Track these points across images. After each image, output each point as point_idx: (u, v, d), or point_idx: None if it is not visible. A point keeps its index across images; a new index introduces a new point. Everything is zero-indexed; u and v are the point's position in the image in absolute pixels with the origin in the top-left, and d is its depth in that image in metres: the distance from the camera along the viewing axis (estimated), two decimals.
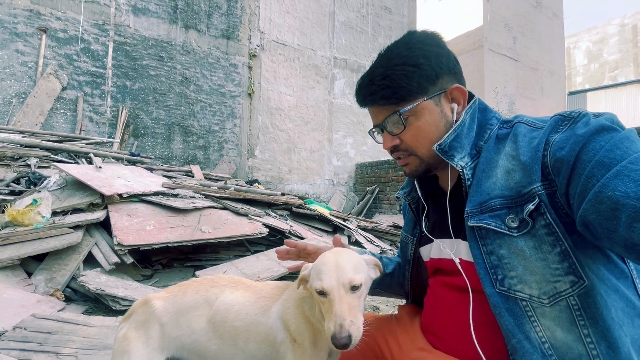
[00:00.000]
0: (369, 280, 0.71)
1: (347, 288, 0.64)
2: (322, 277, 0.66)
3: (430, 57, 0.68)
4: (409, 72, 0.67)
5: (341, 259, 0.68)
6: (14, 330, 1.58)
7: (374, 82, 0.70)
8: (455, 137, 0.68)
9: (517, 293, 0.58)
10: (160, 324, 0.81)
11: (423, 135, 0.70)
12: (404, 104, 0.69)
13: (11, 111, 4.63)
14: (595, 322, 0.53)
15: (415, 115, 0.69)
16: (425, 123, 0.69)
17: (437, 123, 0.70)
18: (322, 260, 0.70)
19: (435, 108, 0.70)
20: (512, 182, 0.60)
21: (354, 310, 0.63)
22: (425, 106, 0.69)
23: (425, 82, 0.68)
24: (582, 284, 0.54)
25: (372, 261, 0.75)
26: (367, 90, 0.72)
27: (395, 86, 0.68)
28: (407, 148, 0.72)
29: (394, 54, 0.69)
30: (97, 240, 2.57)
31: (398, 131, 0.71)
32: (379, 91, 0.69)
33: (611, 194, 0.46)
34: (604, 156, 0.50)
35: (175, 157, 5.89)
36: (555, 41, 12.36)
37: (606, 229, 0.47)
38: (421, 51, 0.68)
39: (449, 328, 0.70)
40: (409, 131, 0.70)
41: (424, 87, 0.68)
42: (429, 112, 0.69)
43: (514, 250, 0.59)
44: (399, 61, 0.68)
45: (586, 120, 0.56)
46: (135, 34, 5.60)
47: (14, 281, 2.14)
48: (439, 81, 0.69)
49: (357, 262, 0.70)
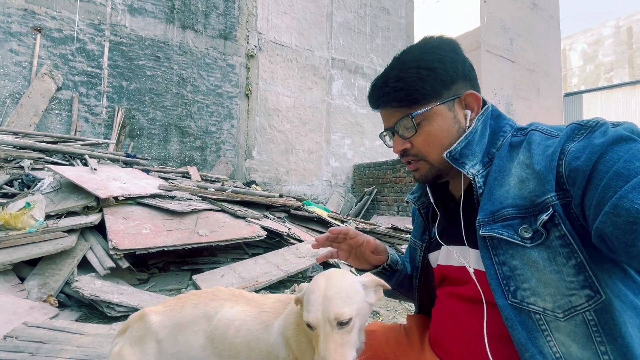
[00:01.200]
0: (366, 307, 0.65)
1: (334, 324, 0.59)
2: (309, 309, 0.62)
3: (445, 61, 0.67)
4: (423, 75, 0.66)
5: (330, 289, 0.62)
6: (5, 340, 1.54)
7: (388, 84, 0.69)
8: (467, 145, 0.66)
9: (530, 306, 0.56)
10: (156, 340, 0.78)
11: (434, 141, 0.69)
12: (417, 107, 0.68)
13: (5, 112, 4.56)
14: (614, 339, 0.51)
15: (428, 119, 0.68)
16: (437, 128, 0.68)
17: (449, 128, 0.68)
18: (311, 287, 0.66)
19: (448, 113, 0.68)
20: (526, 191, 0.59)
21: (341, 349, 0.58)
22: (438, 111, 0.68)
23: (440, 87, 0.67)
24: (598, 298, 0.52)
25: (373, 283, 0.68)
26: (380, 92, 0.71)
27: (408, 89, 0.67)
28: (417, 153, 0.71)
29: (409, 57, 0.68)
30: (91, 245, 2.52)
31: (409, 135, 0.70)
32: (392, 93, 0.68)
33: (629, 207, 0.44)
34: (622, 167, 0.48)
35: (172, 158, 5.84)
36: (551, 43, 12.43)
37: (624, 243, 0.45)
38: (436, 55, 0.67)
39: (457, 341, 0.67)
40: (420, 135, 0.69)
41: (437, 91, 0.67)
42: (442, 117, 0.68)
43: (527, 261, 0.57)
44: (413, 64, 0.67)
45: (604, 130, 0.54)
46: (132, 34, 5.54)
47: (6, 287, 2.09)
48: (453, 86, 0.68)
49: (349, 291, 0.63)
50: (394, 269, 0.87)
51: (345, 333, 0.60)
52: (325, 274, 0.68)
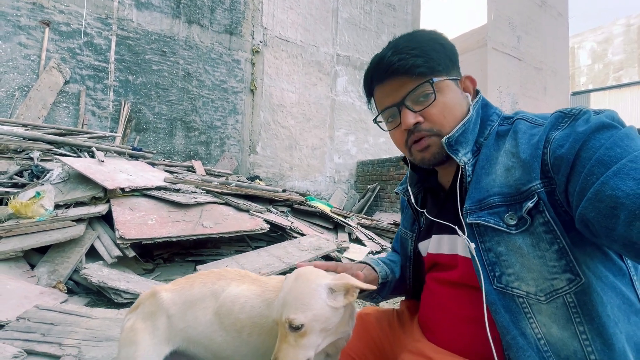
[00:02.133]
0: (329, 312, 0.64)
1: (287, 327, 0.61)
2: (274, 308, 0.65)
3: (448, 44, 0.70)
4: (437, 48, 0.68)
5: (290, 293, 0.64)
6: (18, 321, 1.59)
7: (402, 51, 0.67)
8: (463, 132, 0.67)
9: (515, 290, 0.59)
10: (167, 315, 0.82)
11: (449, 112, 0.68)
12: (435, 75, 0.67)
13: (14, 104, 4.63)
14: (591, 319, 0.54)
15: (441, 91, 0.67)
16: (451, 100, 0.68)
17: (460, 102, 0.70)
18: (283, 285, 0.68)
19: (457, 89, 0.70)
20: (512, 179, 0.60)
21: (292, 350, 0.60)
22: (450, 85, 0.69)
23: (449, 62, 0.69)
24: (578, 281, 0.54)
25: (343, 286, 0.66)
26: (392, 59, 0.67)
27: (426, 56, 0.66)
28: (431, 127, 0.68)
29: (416, 34, 0.70)
30: (99, 234, 2.58)
31: (427, 103, 0.67)
32: (410, 59, 0.65)
33: (611, 193, 0.46)
34: (604, 154, 0.49)
35: (177, 152, 5.89)
36: (559, 41, 12.29)
37: (605, 227, 0.47)
38: (440, 36, 0.70)
39: (443, 324, 0.70)
40: (435, 106, 0.67)
41: (447, 66, 0.69)
42: (453, 92, 0.69)
43: (512, 247, 0.59)
44: (425, 37, 0.69)
45: (586, 118, 0.56)
46: (138, 28, 5.59)
47: (17, 273, 2.15)
48: (455, 67, 0.71)
49: (308, 296, 0.63)
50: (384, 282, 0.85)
51: (298, 336, 0.62)
52: (295, 274, 0.69)
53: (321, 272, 0.70)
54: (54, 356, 1.40)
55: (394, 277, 0.88)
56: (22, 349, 1.40)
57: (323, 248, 3.22)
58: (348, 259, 3.42)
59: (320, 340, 0.65)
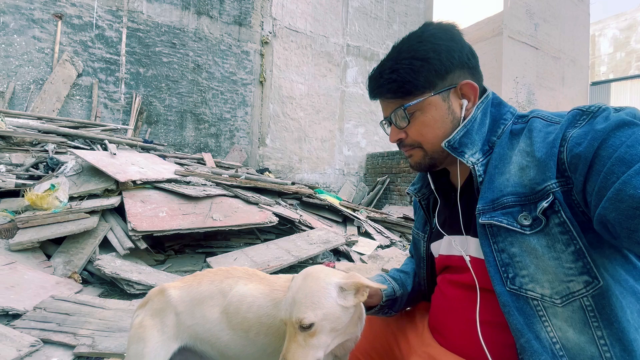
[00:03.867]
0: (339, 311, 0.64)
1: (297, 327, 0.61)
2: (282, 307, 0.65)
3: (440, 51, 0.66)
4: (416, 66, 0.66)
5: (300, 291, 0.64)
6: (35, 311, 1.64)
7: (383, 75, 0.69)
8: (466, 133, 0.66)
9: (529, 292, 0.57)
10: (175, 312, 0.82)
11: (428, 131, 0.69)
12: (410, 99, 0.68)
13: (30, 97, 4.72)
14: (610, 323, 0.52)
15: (422, 110, 0.68)
16: (431, 118, 0.68)
17: (443, 119, 0.68)
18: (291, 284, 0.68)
19: (442, 104, 0.68)
20: (526, 179, 0.59)
21: (301, 350, 0.60)
22: (432, 101, 0.67)
23: (434, 77, 0.66)
24: (596, 284, 0.53)
25: (353, 285, 0.66)
26: (375, 83, 0.72)
27: (401, 80, 0.67)
28: (412, 142, 0.72)
29: (405, 47, 0.68)
30: (112, 226, 2.63)
31: (403, 125, 0.70)
32: (386, 85, 0.69)
33: (633, 192, 0.44)
34: (625, 152, 0.47)
35: (187, 144, 5.94)
36: (579, 28, 11.80)
37: (626, 229, 0.45)
38: (432, 45, 0.66)
39: (454, 328, 0.69)
40: (413, 126, 0.70)
41: (431, 82, 0.66)
42: (435, 108, 0.68)
43: (526, 248, 0.58)
44: (407, 55, 0.67)
45: (606, 115, 0.53)
46: (149, 20, 5.59)
47: (34, 263, 2.22)
48: (448, 76, 0.67)
49: (318, 294, 0.63)
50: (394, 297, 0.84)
51: (308, 336, 0.61)
52: (304, 273, 0.68)
53: (331, 270, 0.70)
54: (69, 345, 1.45)
55: (405, 291, 0.86)
56: (38, 338, 1.45)
57: (332, 241, 3.23)
58: (357, 253, 3.42)
59: (329, 340, 0.64)
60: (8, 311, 1.63)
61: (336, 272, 0.70)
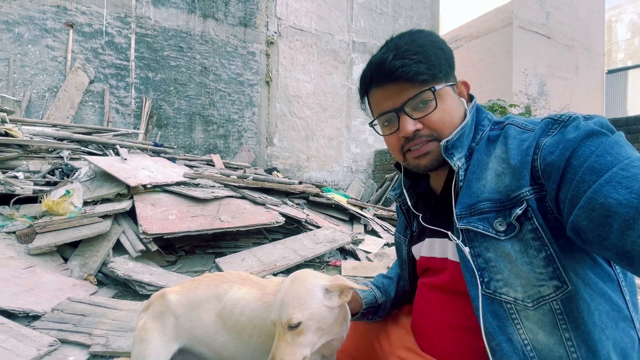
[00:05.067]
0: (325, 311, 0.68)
1: (286, 327, 0.65)
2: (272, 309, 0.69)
3: (446, 48, 0.69)
4: (438, 53, 0.67)
5: (288, 293, 0.68)
6: (52, 312, 1.74)
7: (405, 55, 0.64)
8: (460, 137, 0.67)
9: (503, 296, 0.59)
10: (174, 316, 0.88)
11: (449, 118, 0.67)
12: (436, 83, 0.66)
13: (45, 105, 4.91)
14: (577, 326, 0.54)
15: (441, 98, 0.67)
16: (449, 106, 0.68)
17: (458, 108, 0.70)
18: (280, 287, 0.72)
19: (454, 95, 0.70)
20: (502, 185, 0.60)
21: (289, 348, 0.64)
22: (448, 91, 0.69)
23: (447, 68, 0.68)
24: (565, 288, 0.55)
25: (337, 287, 0.70)
26: (394, 64, 0.64)
27: (428, 62, 0.65)
28: (430, 133, 0.67)
29: (416, 36, 0.68)
30: (124, 229, 2.73)
31: (426, 111, 0.66)
32: (413, 65, 0.64)
33: (603, 201, 0.46)
34: (595, 162, 0.50)
35: (196, 146, 6.06)
36: (593, 14, 11.40)
37: (598, 236, 0.47)
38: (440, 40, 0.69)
39: (433, 331, 0.71)
40: (436, 113, 0.66)
41: (446, 72, 0.68)
42: (451, 98, 0.69)
43: (500, 253, 0.59)
44: (426, 40, 0.67)
45: (576, 124, 0.56)
46: (156, 25, 5.71)
47: (52, 266, 2.33)
48: (452, 72, 0.70)
49: (305, 296, 0.67)
50: (376, 305, 0.86)
51: (295, 335, 0.65)
52: (292, 276, 0.73)
53: (317, 273, 0.74)
54: (85, 345, 1.53)
55: (389, 298, 0.89)
56: (56, 338, 1.54)
57: (338, 240, 3.26)
58: (363, 251, 3.44)
59: (316, 339, 0.68)
60: (28, 313, 1.73)
61: (322, 275, 0.74)
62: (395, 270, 0.95)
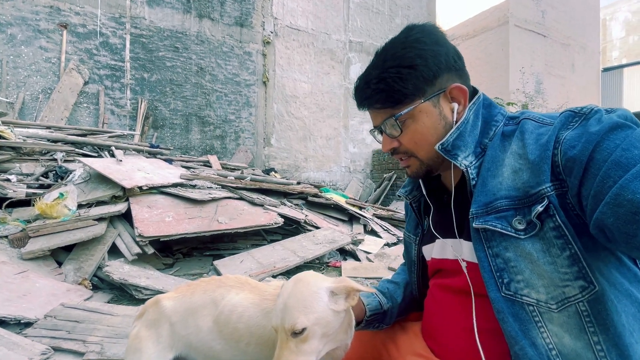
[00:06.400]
0: (330, 315, 0.64)
1: (289, 333, 0.61)
2: (273, 314, 0.65)
3: (426, 57, 0.64)
4: (404, 74, 0.64)
5: (291, 297, 0.63)
6: (45, 319, 1.69)
7: (370, 85, 0.67)
8: (459, 136, 0.65)
9: (524, 297, 0.56)
10: (170, 323, 0.84)
11: (421, 138, 0.68)
12: (401, 108, 0.66)
13: (39, 107, 4.84)
14: (606, 328, 0.51)
15: (413, 118, 0.67)
16: (422, 126, 0.67)
17: (435, 125, 0.67)
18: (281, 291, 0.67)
19: (433, 110, 0.67)
20: (520, 182, 0.58)
21: (293, 357, 0.60)
22: (423, 108, 0.66)
23: (422, 84, 0.65)
24: (592, 289, 0.52)
25: (344, 290, 0.66)
26: (362, 93, 0.70)
27: (390, 90, 0.65)
28: (406, 151, 0.71)
29: (389, 55, 0.66)
30: (120, 232, 2.68)
31: (396, 134, 0.69)
32: (374, 95, 0.67)
33: (632, 197, 0.43)
34: (621, 156, 0.47)
35: (193, 147, 6.00)
36: (589, 13, 11.46)
37: (625, 234, 0.44)
38: (417, 50, 0.64)
39: (448, 334, 0.68)
40: (406, 135, 0.68)
41: (420, 88, 0.65)
42: (427, 115, 0.66)
43: (520, 253, 0.57)
44: (393, 63, 0.65)
45: (598, 117, 0.53)
46: (151, 25, 5.65)
47: (45, 271, 2.28)
48: (437, 81, 0.66)
49: (310, 299, 0.63)
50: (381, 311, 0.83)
51: (300, 342, 0.61)
52: (294, 279, 0.68)
53: (321, 275, 0.70)
54: (79, 353, 1.48)
55: (395, 303, 0.85)
56: (49, 346, 1.49)
57: (337, 241, 3.22)
58: (363, 251, 3.41)
59: (321, 346, 0.64)
60: (20, 320, 1.68)
61: (326, 277, 0.71)
62: (402, 276, 0.92)
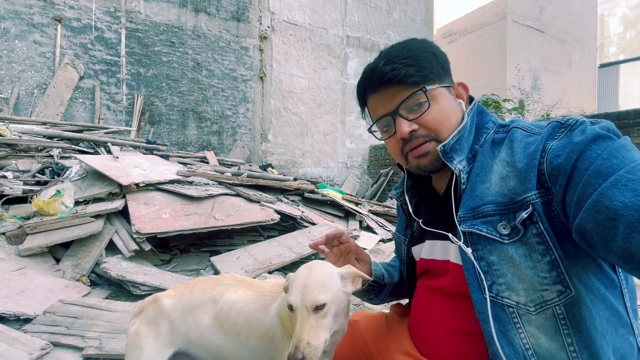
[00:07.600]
0: (342, 296, 0.71)
1: (310, 309, 0.66)
2: (291, 294, 0.69)
3: (439, 52, 0.70)
4: (429, 56, 0.69)
5: (310, 278, 0.69)
6: (44, 315, 1.71)
7: (395, 61, 0.67)
8: (458, 140, 0.67)
9: (505, 300, 0.59)
10: (169, 320, 0.87)
11: (445, 118, 0.68)
12: (428, 83, 0.68)
13: (33, 102, 4.80)
14: (579, 331, 0.54)
15: (435, 98, 0.68)
16: (445, 107, 0.69)
17: (455, 109, 0.71)
18: (295, 276, 0.72)
19: (450, 96, 0.71)
20: (506, 188, 0.60)
21: (314, 331, 0.64)
22: (443, 92, 0.70)
23: (441, 70, 0.69)
24: (568, 293, 0.55)
25: (351, 274, 0.74)
26: (385, 69, 0.67)
27: (419, 65, 0.67)
28: (427, 133, 0.68)
29: (407, 43, 0.71)
30: (117, 229, 2.70)
31: (421, 111, 0.67)
32: (402, 68, 0.66)
33: (609, 204, 0.46)
34: (601, 165, 0.50)
35: (190, 143, 5.99)
36: (586, 9, 11.46)
37: (603, 239, 0.47)
38: (432, 45, 0.71)
39: (432, 334, 0.71)
40: (430, 112, 0.67)
41: (439, 74, 0.69)
42: (446, 99, 0.70)
43: (504, 257, 0.59)
44: (416, 46, 0.69)
45: (583, 128, 0.56)
46: (147, 19, 5.59)
47: (43, 267, 2.29)
48: (447, 74, 0.71)
49: (327, 280, 0.70)
50: (382, 283, 0.88)
51: (319, 317, 0.66)
52: (307, 265, 0.74)
53: (329, 263, 0.77)
54: (78, 348, 1.51)
55: (392, 281, 0.90)
56: (48, 341, 1.52)
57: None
58: None
59: (332, 324, 0.70)
60: (19, 316, 1.70)
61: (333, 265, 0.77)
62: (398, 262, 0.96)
